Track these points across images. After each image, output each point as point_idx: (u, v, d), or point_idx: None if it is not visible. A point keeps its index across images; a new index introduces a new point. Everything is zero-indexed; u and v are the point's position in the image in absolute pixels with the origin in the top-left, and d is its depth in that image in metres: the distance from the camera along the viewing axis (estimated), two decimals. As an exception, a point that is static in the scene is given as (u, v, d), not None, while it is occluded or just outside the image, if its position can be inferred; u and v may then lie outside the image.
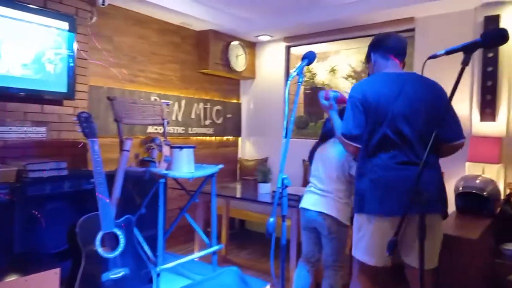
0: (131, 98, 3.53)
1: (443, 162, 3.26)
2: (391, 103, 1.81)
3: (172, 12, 3.79)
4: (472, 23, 3.39)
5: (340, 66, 5.48)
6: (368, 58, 2.09)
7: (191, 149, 2.57)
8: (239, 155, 5.18)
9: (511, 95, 3.29)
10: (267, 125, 4.91)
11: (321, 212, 2.27)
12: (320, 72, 5.62)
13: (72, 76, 2.95)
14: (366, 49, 2.11)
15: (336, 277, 2.34)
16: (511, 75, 3.28)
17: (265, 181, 3.38)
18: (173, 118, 4.20)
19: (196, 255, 2.79)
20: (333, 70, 5.46)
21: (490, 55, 3.27)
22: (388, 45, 1.98)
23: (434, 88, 1.87)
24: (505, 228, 2.83)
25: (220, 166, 2.75)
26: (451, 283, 2.23)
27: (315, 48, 5.38)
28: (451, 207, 3.09)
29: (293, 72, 1.81)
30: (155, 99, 3.93)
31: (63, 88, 2.90)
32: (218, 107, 4.79)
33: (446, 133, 1.80)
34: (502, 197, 3.08)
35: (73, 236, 2.11)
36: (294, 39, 4.71)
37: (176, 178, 2.66)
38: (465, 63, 1.41)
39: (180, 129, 4.27)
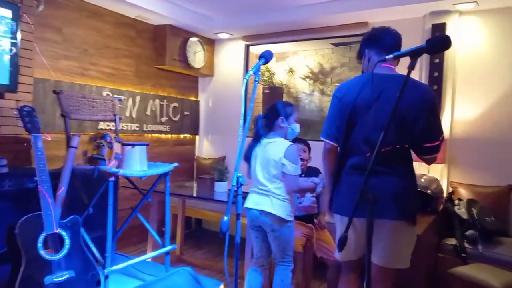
0: (81, 92, 3.36)
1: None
2: (366, 108, 1.77)
3: (128, 4, 3.65)
4: (421, 30, 3.58)
5: (298, 67, 5.57)
6: (361, 54, 1.97)
7: (144, 147, 2.48)
8: (196, 153, 5.11)
9: (454, 99, 3.51)
10: (225, 123, 4.88)
11: (262, 211, 2.31)
12: (278, 72, 5.69)
13: (15, 67, 2.75)
14: (323, 51, 2.13)
15: (286, 272, 2.38)
16: (454, 80, 3.50)
17: (221, 180, 3.36)
18: (127, 114, 4.05)
19: (148, 255, 2.71)
20: (291, 71, 5.55)
21: (436, 61, 3.46)
22: (385, 43, 1.86)
23: (419, 94, 1.75)
24: (447, 224, 3.02)
25: (175, 164, 2.68)
26: (394, 276, 2.33)
27: (274, 48, 5.42)
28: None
29: (249, 70, 1.79)
30: (108, 94, 3.77)
31: (4, 80, 2.70)
32: (175, 104, 4.69)
33: (421, 139, 1.78)
34: (445, 195, 3.28)
35: (12, 238, 1.97)
36: (253, 38, 4.72)
37: (128, 177, 2.57)
38: (411, 67, 1.45)
39: (134, 126, 4.14)
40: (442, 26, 3.43)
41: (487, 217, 2.91)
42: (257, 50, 4.87)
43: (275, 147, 2.35)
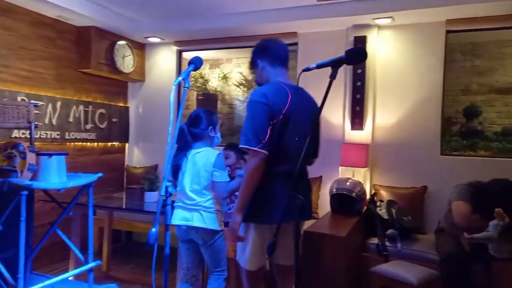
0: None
1: (321, 166, 3.56)
2: (293, 116, 1.85)
3: (46, 3, 3.39)
4: (345, 41, 3.80)
5: (232, 74, 5.62)
6: (254, 64, 2.05)
7: (62, 157, 2.30)
8: (127, 162, 4.88)
9: (375, 107, 3.77)
10: (157, 130, 4.73)
11: (192, 227, 2.26)
12: (212, 78, 5.68)
13: None
14: None
15: (219, 281, 2.36)
16: (375, 90, 3.76)
17: (152, 190, 3.24)
18: (46, 121, 3.73)
19: (69, 273, 2.50)
20: (225, 77, 5.57)
21: (359, 71, 3.70)
22: (276, 52, 1.99)
23: (314, 105, 2.01)
24: (370, 225, 3.21)
25: (99, 174, 2.52)
26: (321, 277, 2.43)
27: (208, 54, 5.42)
28: (328, 208, 3.40)
29: (178, 77, 1.74)
30: (23, 100, 3.45)
31: None
32: (102, 110, 4.44)
33: (315, 151, 2.09)
34: (368, 197, 3.49)
35: None
36: (186, 44, 4.65)
37: (45, 190, 2.36)
38: (332, 77, 1.52)
39: (54, 134, 3.82)
40: (363, 38, 3.67)
41: (404, 216, 3.15)
42: (190, 55, 4.78)
43: (204, 157, 2.30)
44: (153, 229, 1.62)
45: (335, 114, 3.88)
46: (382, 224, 3.13)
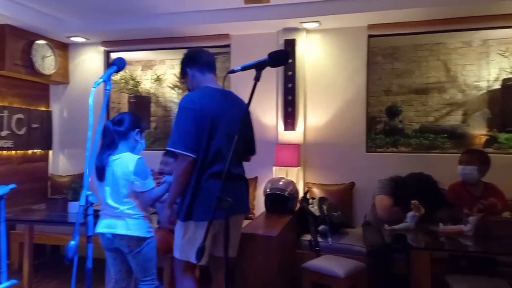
0: None
1: (256, 167, 3.60)
2: (220, 118, 2.01)
3: None
4: (276, 44, 3.87)
5: (165, 75, 5.47)
6: (184, 73, 2.20)
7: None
8: (51, 170, 4.52)
9: (306, 108, 3.89)
10: (84, 135, 4.41)
11: (116, 234, 2.15)
12: (145, 80, 5.48)
13: None
14: None
15: None
16: (305, 91, 3.88)
17: (76, 199, 3.02)
18: (-49, 128, 3.34)
19: (-21, 298, 2.25)
20: (158, 79, 5.41)
21: (290, 73, 3.79)
22: (203, 60, 2.15)
23: (242, 106, 2.12)
24: (303, 222, 3.30)
25: (11, 186, 2.30)
26: (255, 277, 2.44)
27: (141, 55, 5.22)
28: (262, 208, 3.43)
29: (99, 79, 1.67)
30: None
31: None
32: (20, 116, 4.07)
33: (251, 149, 2.23)
34: (301, 195, 3.59)
35: None
36: (113, 44, 4.42)
37: None
38: (256, 79, 1.55)
39: (-38, 143, 3.43)
40: (293, 42, 3.78)
41: (334, 212, 3.29)
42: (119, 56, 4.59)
43: (122, 165, 2.16)
44: (72, 242, 1.52)
45: (268, 115, 3.94)
46: (314, 220, 3.23)
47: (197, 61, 2.14)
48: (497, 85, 4.29)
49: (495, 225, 2.25)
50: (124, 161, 2.17)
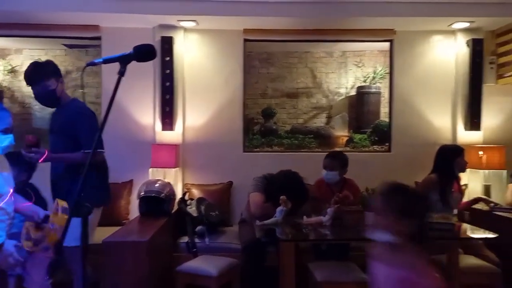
0: None
1: (132, 169, 3.40)
2: None
3: None
4: (151, 41, 3.70)
5: (23, 67, 4.76)
6: (49, 84, 2.37)
7: None
8: None
9: (185, 107, 3.83)
10: None
11: None
12: (-5, 71, 4.69)
13: None
14: (55, 52, 2.22)
15: None
16: (184, 91, 3.82)
17: None
18: None
19: None
20: (13, 71, 4.70)
21: (167, 71, 3.68)
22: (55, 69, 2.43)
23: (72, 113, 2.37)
24: (181, 224, 3.23)
25: None
26: (123, 285, 2.29)
27: (-12, 42, 4.43)
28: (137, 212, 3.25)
29: None
30: None
31: None
32: None
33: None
34: (180, 196, 3.52)
35: None
36: (-51, 26, 3.66)
37: None
38: (120, 73, 1.42)
39: None
40: (170, 39, 3.67)
41: (212, 212, 3.30)
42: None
43: None
44: None
45: (145, 114, 3.75)
46: (192, 221, 3.20)
47: (57, 71, 2.44)
48: (353, 92, 4.93)
49: (346, 215, 2.55)
50: None
